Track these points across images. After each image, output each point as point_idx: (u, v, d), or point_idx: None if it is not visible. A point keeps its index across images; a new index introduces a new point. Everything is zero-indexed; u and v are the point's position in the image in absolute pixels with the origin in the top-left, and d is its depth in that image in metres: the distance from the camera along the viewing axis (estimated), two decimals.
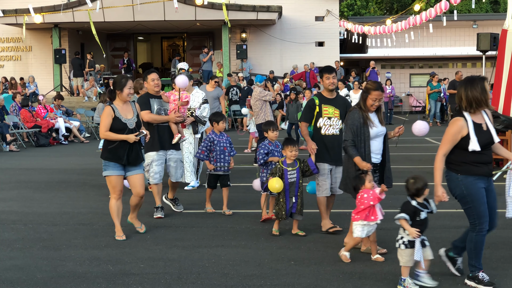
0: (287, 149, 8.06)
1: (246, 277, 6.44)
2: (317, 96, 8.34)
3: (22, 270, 6.69)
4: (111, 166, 7.90)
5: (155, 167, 9.22)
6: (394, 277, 6.36)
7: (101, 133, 7.91)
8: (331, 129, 8.22)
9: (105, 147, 7.96)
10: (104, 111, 7.86)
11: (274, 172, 8.05)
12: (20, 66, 32.08)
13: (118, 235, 7.98)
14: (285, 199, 8.03)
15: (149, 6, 26.56)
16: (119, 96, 7.93)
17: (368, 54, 35.30)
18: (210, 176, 9.49)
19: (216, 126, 9.51)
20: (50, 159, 16.68)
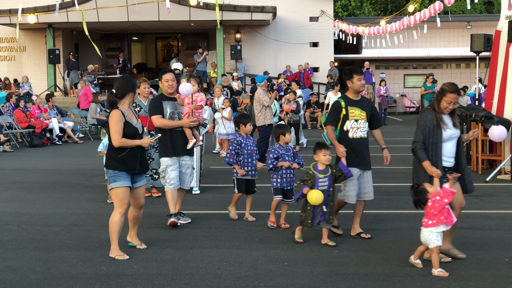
0: (320, 153, 7.63)
1: (239, 278, 6.43)
2: (343, 98, 8.02)
3: (15, 271, 6.67)
4: (122, 177, 7.08)
5: (170, 172, 8.67)
6: (387, 278, 6.37)
7: (116, 140, 7.02)
8: (359, 132, 7.94)
9: (112, 156, 7.12)
10: (114, 116, 7.04)
11: (307, 179, 7.60)
12: (14, 66, 32.01)
13: (118, 254, 7.09)
14: (313, 207, 7.62)
15: (143, 7, 26.53)
16: (131, 98, 7.21)
17: (363, 54, 35.35)
18: (238, 181, 9.02)
19: (243, 128, 9.08)
20: (43, 159, 16.65)
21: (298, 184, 7.69)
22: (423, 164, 6.90)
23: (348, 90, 8.08)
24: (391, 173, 13.22)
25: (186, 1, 26.89)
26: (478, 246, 7.60)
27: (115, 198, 7.14)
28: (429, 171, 6.84)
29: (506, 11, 14.31)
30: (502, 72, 13.92)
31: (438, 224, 6.51)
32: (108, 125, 10.13)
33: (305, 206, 7.70)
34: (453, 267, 6.72)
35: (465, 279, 6.33)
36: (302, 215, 7.74)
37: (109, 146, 7.20)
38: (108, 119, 7.21)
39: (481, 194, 10.95)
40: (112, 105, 7.14)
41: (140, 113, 10.50)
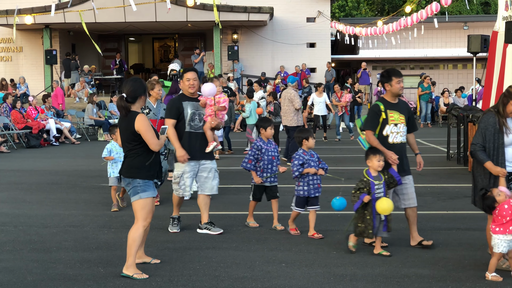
0: (374, 159, 7.21)
1: (237, 279, 6.43)
2: (381, 101, 7.62)
3: (12, 273, 6.66)
4: (151, 186, 6.58)
5: (186, 179, 8.25)
6: (385, 279, 6.37)
7: (156, 143, 6.46)
8: (399, 137, 7.57)
9: (141, 164, 6.53)
10: (145, 120, 6.48)
11: (362, 187, 7.18)
12: (11, 67, 31.95)
13: (136, 273, 6.48)
14: (372, 216, 7.18)
15: (140, 7, 26.49)
16: (143, 101, 6.68)
17: (360, 55, 35.37)
18: (255, 188, 8.60)
19: (263, 132, 8.58)
20: (40, 160, 16.62)
21: (354, 193, 7.24)
22: (485, 165, 6.63)
23: (386, 93, 7.72)
24: None
25: (183, 1, 26.88)
26: (476, 247, 7.61)
27: (142, 209, 6.50)
28: (493, 171, 6.60)
29: (503, 11, 14.32)
30: (499, 73, 13.93)
31: (505, 232, 6.31)
32: (113, 129, 9.95)
33: (363, 216, 7.22)
34: (450, 268, 6.73)
35: (462, 280, 6.33)
36: (361, 226, 7.24)
37: (133, 155, 6.55)
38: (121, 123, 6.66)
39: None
40: (124, 110, 6.55)
41: (149, 116, 10.06)
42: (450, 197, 10.72)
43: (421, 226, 8.17)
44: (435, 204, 10.30)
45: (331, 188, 10.20)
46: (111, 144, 10.23)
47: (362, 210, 7.21)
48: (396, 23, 29.03)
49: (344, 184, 9.71)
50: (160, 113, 10.14)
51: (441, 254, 7.32)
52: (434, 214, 9.48)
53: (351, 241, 7.40)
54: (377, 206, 7.07)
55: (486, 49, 15.60)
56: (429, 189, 11.61)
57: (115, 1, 27.10)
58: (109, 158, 10.13)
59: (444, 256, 7.20)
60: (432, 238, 7.83)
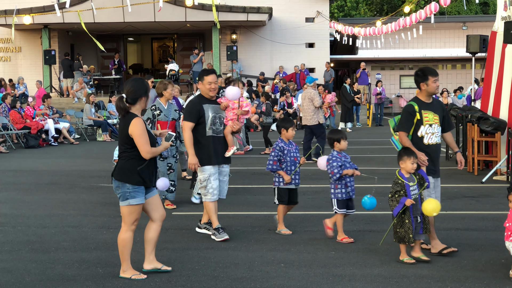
0: (408, 161, 6.95)
1: (236, 279, 6.43)
2: (415, 101, 7.41)
3: (11, 273, 6.66)
4: (141, 192, 6.38)
5: (213, 182, 8.01)
6: (384, 280, 6.37)
7: (147, 151, 6.24)
8: (434, 138, 7.37)
9: (132, 168, 6.32)
10: (140, 125, 6.25)
11: (399, 189, 6.94)
12: (10, 67, 31.94)
13: (134, 274, 6.48)
14: (411, 220, 6.94)
15: (139, 7, 26.49)
16: (143, 103, 6.47)
17: (359, 55, 35.37)
18: (281, 190, 8.30)
19: (284, 133, 8.35)
20: (39, 160, 16.61)
21: (392, 197, 6.98)
22: None
23: (421, 92, 7.48)
24: (387, 174, 13.18)
25: (182, 1, 26.88)
26: (475, 247, 7.61)
27: (129, 214, 6.38)
28: None
29: (502, 12, 14.31)
30: (498, 73, 13.93)
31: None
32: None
33: (402, 220, 6.96)
34: (449, 268, 6.73)
35: (461, 280, 6.33)
36: (401, 231, 6.96)
37: (124, 157, 6.39)
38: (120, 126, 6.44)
39: (477, 195, 10.97)
40: (122, 111, 6.36)
41: (159, 118, 9.94)
42: (449, 197, 10.71)
43: None
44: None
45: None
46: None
47: (401, 214, 6.96)
48: (395, 23, 29.02)
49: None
50: (171, 115, 9.98)
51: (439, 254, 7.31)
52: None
53: (404, 256, 7.03)
54: (425, 207, 6.84)
55: (485, 49, 15.60)
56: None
57: (114, 1, 27.09)
58: None
59: (443, 256, 7.20)
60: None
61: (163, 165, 9.92)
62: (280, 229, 8.34)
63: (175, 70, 27.00)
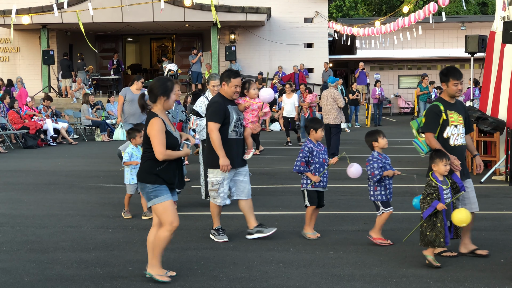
0: (440, 163, 6.77)
1: (235, 279, 6.42)
2: (440, 101, 7.24)
3: (10, 273, 6.65)
4: (164, 190, 6.26)
5: (225, 186, 7.92)
6: (383, 280, 6.36)
7: (161, 152, 6.13)
8: (459, 139, 7.19)
9: (149, 169, 6.25)
10: (156, 125, 6.18)
11: (432, 192, 6.73)
12: (8, 67, 31.92)
13: (159, 274, 6.36)
14: (444, 223, 6.74)
15: (137, 7, 26.50)
16: (163, 103, 6.36)
17: (357, 55, 35.38)
18: (311, 192, 8.06)
19: (313, 134, 8.07)
20: (38, 160, 16.60)
21: (424, 200, 6.80)
22: None
23: (443, 92, 7.35)
24: None
25: (180, 2, 26.87)
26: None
27: (164, 212, 6.22)
28: None
29: (500, 12, 14.32)
30: (496, 73, 13.93)
31: None
32: (132, 132, 9.50)
33: (434, 223, 6.76)
34: (449, 268, 6.72)
35: (460, 280, 6.33)
36: (431, 234, 6.76)
37: (144, 158, 6.33)
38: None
39: (476, 195, 10.94)
40: (141, 108, 6.40)
41: None
42: None
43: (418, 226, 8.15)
44: None
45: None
46: (131, 148, 9.52)
47: (432, 217, 6.76)
48: (394, 23, 29.04)
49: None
50: (178, 116, 9.76)
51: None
52: None
53: (430, 257, 6.86)
54: (454, 217, 6.63)
55: (484, 49, 15.59)
56: None
57: (112, 1, 27.09)
58: (131, 163, 9.43)
59: (442, 257, 7.19)
60: None
61: None
62: (306, 232, 8.12)
63: (173, 70, 26.94)
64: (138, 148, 9.39)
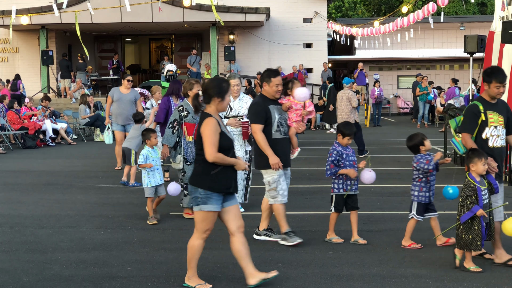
0: (479, 163, 6.56)
1: (234, 279, 6.42)
2: (479, 101, 7.01)
3: (8, 273, 6.64)
4: (214, 199, 5.98)
5: (282, 183, 7.76)
6: (381, 279, 6.36)
7: (212, 154, 5.85)
8: (499, 140, 6.96)
9: (204, 172, 5.98)
10: (210, 125, 5.93)
11: (471, 194, 6.54)
12: (7, 67, 31.89)
13: (199, 283, 6.21)
14: (481, 226, 6.52)
15: (136, 8, 26.47)
16: (217, 104, 6.08)
17: (356, 55, 35.36)
18: (338, 197, 7.88)
19: (340, 138, 7.96)
20: (37, 161, 16.58)
21: (463, 202, 6.60)
22: None
23: (484, 92, 7.10)
24: (385, 174, 13.21)
25: (179, 2, 26.87)
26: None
27: (203, 221, 6.03)
28: None
29: (499, 11, 14.33)
30: None
31: None
32: (147, 133, 9.20)
33: (470, 225, 6.56)
34: (447, 268, 6.72)
35: (459, 280, 6.33)
36: (467, 237, 6.57)
37: (198, 160, 6.06)
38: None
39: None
40: (196, 109, 6.23)
41: (187, 119, 9.25)
42: None
43: (417, 227, 8.14)
44: None
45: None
46: (147, 150, 9.16)
47: (473, 220, 6.54)
48: (393, 24, 29.02)
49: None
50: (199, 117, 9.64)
51: (438, 254, 7.31)
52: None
53: (458, 256, 6.73)
54: (504, 227, 6.43)
55: (483, 49, 15.59)
56: None
57: (111, 2, 27.08)
58: (146, 165, 9.06)
59: (441, 256, 7.20)
60: (429, 238, 7.82)
61: (189, 170, 9.22)
62: (331, 237, 7.96)
63: (172, 70, 26.94)
64: (154, 150, 9.14)
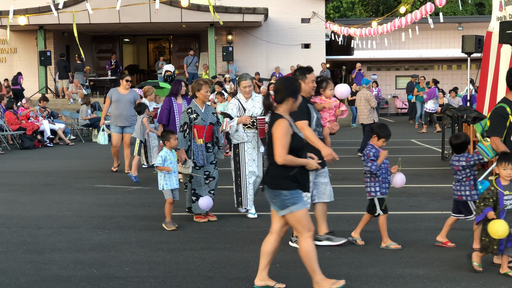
0: (500, 167, 6.50)
1: (231, 280, 6.41)
2: (506, 103, 6.85)
3: (6, 274, 6.64)
4: (300, 196, 5.86)
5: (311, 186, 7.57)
6: (379, 280, 6.36)
7: (280, 156, 5.72)
8: None
9: (284, 174, 5.82)
10: (282, 126, 5.77)
11: (488, 197, 6.46)
12: (5, 68, 31.87)
13: (332, 283, 5.95)
14: None
15: (134, 8, 26.46)
16: (290, 105, 5.93)
17: (354, 56, 35.38)
18: (381, 200, 7.68)
19: (374, 140, 7.76)
20: (34, 161, 16.57)
21: (478, 204, 6.55)
22: None
23: (509, 93, 6.98)
24: None
25: (177, 2, 26.87)
26: (471, 247, 7.59)
27: (300, 221, 5.84)
28: None
29: (497, 12, 14.34)
30: (493, 73, 13.95)
31: None
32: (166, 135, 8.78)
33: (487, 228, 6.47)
34: (445, 268, 6.72)
35: (457, 280, 6.33)
36: (485, 240, 6.53)
37: (274, 163, 5.86)
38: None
39: None
40: (268, 109, 5.97)
41: (196, 122, 9.04)
42: (445, 197, 10.72)
43: (415, 227, 8.17)
44: (429, 205, 10.30)
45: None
46: (165, 152, 8.72)
47: (487, 222, 6.44)
48: (391, 24, 29.03)
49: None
50: (208, 119, 9.12)
51: (435, 254, 7.32)
52: (428, 215, 9.48)
53: (475, 260, 6.64)
54: (489, 228, 6.32)
55: (480, 50, 15.61)
56: (424, 189, 11.62)
57: (109, 2, 27.06)
58: (164, 168, 8.63)
59: (438, 256, 7.20)
60: (426, 239, 7.83)
61: (200, 173, 9.13)
62: (388, 244, 7.63)
63: (170, 70, 26.94)
64: (172, 152, 8.76)
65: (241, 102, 9.25)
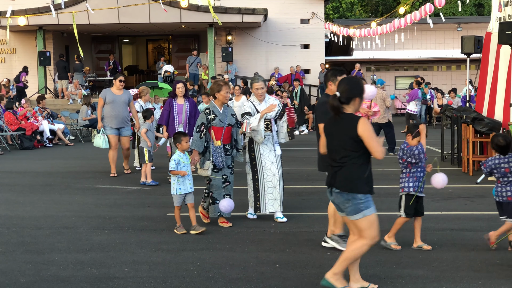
0: None
1: (231, 280, 6.41)
2: None
3: (5, 274, 6.64)
4: (371, 201, 5.77)
5: None
6: (379, 280, 6.36)
7: (382, 151, 5.71)
8: None
9: (360, 176, 5.73)
10: (369, 126, 5.70)
11: None
12: (4, 68, 31.89)
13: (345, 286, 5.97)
14: None
15: (134, 9, 26.48)
16: (357, 104, 5.84)
17: (354, 56, 35.41)
18: (408, 198, 7.66)
19: (410, 140, 7.67)
20: (34, 162, 16.57)
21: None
22: None
23: None
24: (382, 175, 13.20)
25: (177, 3, 26.87)
26: (470, 248, 7.61)
27: (370, 228, 5.72)
28: None
29: (496, 12, 14.35)
30: (492, 74, 13.96)
31: None
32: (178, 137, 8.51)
33: None
34: (445, 269, 6.73)
35: (456, 281, 6.33)
36: None
37: (348, 164, 5.74)
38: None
39: (472, 196, 10.97)
40: (335, 110, 5.81)
41: (214, 123, 8.80)
42: (444, 198, 10.72)
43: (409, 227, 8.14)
44: (429, 205, 10.29)
45: None
46: (178, 155, 8.41)
47: None
48: (390, 25, 29.03)
49: None
50: (227, 120, 8.90)
51: (435, 254, 7.32)
52: (428, 215, 9.46)
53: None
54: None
55: (480, 50, 15.62)
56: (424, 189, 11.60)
57: (109, 3, 27.08)
58: (179, 172, 8.31)
59: (438, 257, 7.20)
60: (426, 239, 7.82)
61: (218, 175, 8.90)
62: (390, 242, 7.62)
63: (170, 71, 26.97)
64: (185, 155, 8.52)
65: (255, 104, 9.13)
